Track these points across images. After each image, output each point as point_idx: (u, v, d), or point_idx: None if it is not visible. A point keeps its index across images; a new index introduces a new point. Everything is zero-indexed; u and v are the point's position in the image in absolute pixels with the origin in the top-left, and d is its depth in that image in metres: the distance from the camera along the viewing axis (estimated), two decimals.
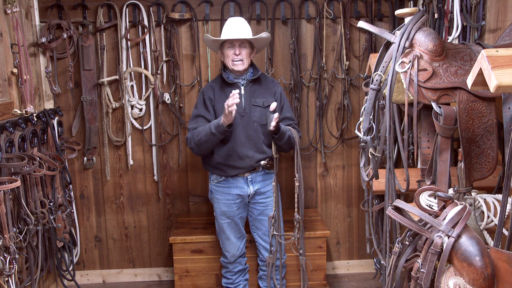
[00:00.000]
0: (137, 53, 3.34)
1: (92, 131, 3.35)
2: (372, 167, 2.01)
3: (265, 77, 2.92)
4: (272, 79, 2.95)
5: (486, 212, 1.74)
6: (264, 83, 2.85)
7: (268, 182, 2.88)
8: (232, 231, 2.92)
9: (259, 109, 2.78)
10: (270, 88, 2.85)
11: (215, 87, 2.82)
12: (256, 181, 2.85)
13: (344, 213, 3.63)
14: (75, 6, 3.22)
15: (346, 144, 3.54)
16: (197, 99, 2.88)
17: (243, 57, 2.74)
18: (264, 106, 2.78)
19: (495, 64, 1.32)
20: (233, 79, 2.79)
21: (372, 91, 1.86)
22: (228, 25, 2.78)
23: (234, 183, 2.83)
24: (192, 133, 2.74)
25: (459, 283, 1.31)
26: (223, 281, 3.07)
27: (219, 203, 2.88)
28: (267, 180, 2.87)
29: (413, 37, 1.77)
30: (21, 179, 2.58)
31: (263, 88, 2.83)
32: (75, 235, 3.40)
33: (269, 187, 2.87)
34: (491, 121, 1.69)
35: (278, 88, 2.90)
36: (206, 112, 2.80)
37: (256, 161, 2.79)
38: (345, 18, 3.32)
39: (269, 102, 2.72)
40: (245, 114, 2.76)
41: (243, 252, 3.01)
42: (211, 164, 2.83)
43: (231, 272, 3.02)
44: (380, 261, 2.71)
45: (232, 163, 2.77)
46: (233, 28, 2.74)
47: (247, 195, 2.86)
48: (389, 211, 1.52)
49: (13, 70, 2.71)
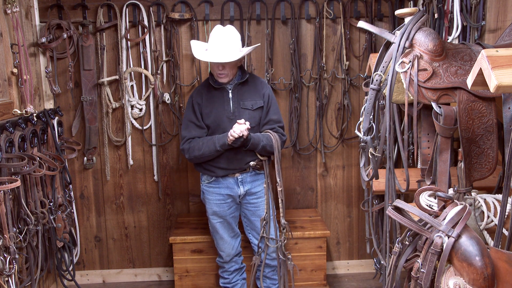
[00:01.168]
0: (137, 53, 3.34)
1: (92, 131, 3.35)
2: (372, 167, 2.01)
3: (254, 78, 2.89)
4: (261, 80, 2.91)
5: (486, 212, 1.74)
6: (252, 85, 2.83)
7: (259, 182, 2.88)
8: (225, 230, 2.92)
9: (248, 112, 2.79)
10: (258, 90, 2.83)
11: (203, 92, 2.84)
12: (246, 181, 2.85)
13: (344, 213, 3.63)
14: (75, 6, 3.22)
15: (346, 144, 3.54)
16: (187, 104, 2.89)
17: (227, 71, 2.73)
18: (253, 109, 2.79)
19: (495, 64, 1.32)
20: (219, 84, 2.79)
21: (372, 91, 1.87)
22: (212, 40, 2.72)
23: (224, 183, 2.83)
24: (190, 146, 2.77)
25: (459, 283, 1.31)
26: (221, 281, 3.07)
27: (210, 203, 2.89)
28: (257, 180, 2.88)
29: (413, 37, 1.77)
30: (21, 179, 2.58)
31: (252, 90, 2.81)
32: (75, 235, 3.40)
33: (260, 187, 2.88)
34: (491, 121, 1.69)
35: (266, 89, 2.85)
36: (195, 119, 2.81)
37: (245, 162, 2.80)
38: (345, 18, 3.32)
39: (258, 105, 2.78)
40: (234, 117, 2.76)
41: (238, 251, 3.02)
42: (201, 165, 2.84)
43: (227, 272, 3.02)
44: (380, 261, 2.71)
45: (222, 165, 2.79)
46: (217, 47, 2.69)
47: (237, 196, 2.86)
48: (389, 211, 1.52)
49: (13, 70, 2.71)
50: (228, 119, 2.76)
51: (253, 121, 2.77)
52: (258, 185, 2.88)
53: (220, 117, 2.78)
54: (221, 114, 2.78)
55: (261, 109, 2.81)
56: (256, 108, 2.78)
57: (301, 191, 3.59)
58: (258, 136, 2.72)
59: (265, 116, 2.82)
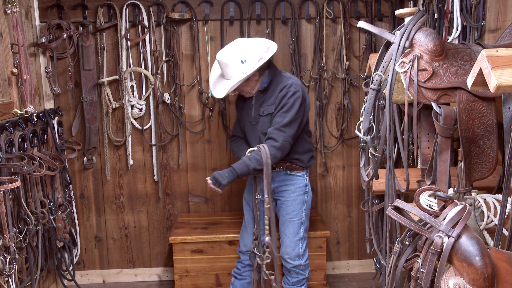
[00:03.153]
0: (137, 53, 3.34)
1: (92, 131, 3.35)
2: (372, 167, 2.01)
3: (278, 82, 2.72)
4: (285, 85, 2.68)
5: (486, 212, 1.74)
6: (271, 92, 2.73)
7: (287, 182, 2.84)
8: (250, 220, 2.92)
9: (261, 118, 2.76)
10: (276, 95, 2.72)
11: (241, 95, 2.90)
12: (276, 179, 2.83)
13: (344, 213, 3.63)
14: (75, 6, 3.22)
15: (346, 144, 3.54)
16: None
17: (247, 91, 2.74)
18: (264, 115, 2.75)
19: (495, 64, 1.32)
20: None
21: (372, 91, 1.87)
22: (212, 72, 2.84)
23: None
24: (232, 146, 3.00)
25: (459, 283, 1.31)
26: (233, 270, 3.06)
27: (246, 189, 3.00)
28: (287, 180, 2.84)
29: (413, 37, 1.77)
30: (21, 179, 2.58)
31: (269, 97, 2.74)
32: (75, 235, 3.40)
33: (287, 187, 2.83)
34: (491, 121, 1.69)
35: (284, 92, 2.67)
36: (237, 119, 3.02)
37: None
38: (345, 18, 3.32)
39: (269, 111, 2.72)
40: (255, 123, 2.78)
41: (242, 250, 3.00)
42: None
43: (241, 263, 3.00)
44: (380, 261, 2.71)
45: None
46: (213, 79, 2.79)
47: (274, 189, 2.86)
48: (389, 211, 1.52)
49: (13, 70, 2.71)
50: (250, 125, 2.81)
51: (266, 127, 2.72)
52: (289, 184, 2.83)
53: (245, 122, 2.86)
54: (246, 119, 2.85)
55: (271, 115, 2.73)
56: (266, 114, 2.73)
57: None
58: (243, 165, 2.59)
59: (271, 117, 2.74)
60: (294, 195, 2.83)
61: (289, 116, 2.63)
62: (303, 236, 2.85)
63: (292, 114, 2.63)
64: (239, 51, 2.61)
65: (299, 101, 2.65)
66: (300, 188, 2.83)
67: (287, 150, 2.67)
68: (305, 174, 2.86)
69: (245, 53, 2.61)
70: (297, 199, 2.82)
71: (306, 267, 2.87)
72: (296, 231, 2.83)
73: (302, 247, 2.85)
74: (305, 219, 2.86)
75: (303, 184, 2.84)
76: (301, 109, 2.69)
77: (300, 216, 2.83)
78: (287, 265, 2.86)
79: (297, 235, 2.82)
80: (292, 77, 2.79)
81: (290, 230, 2.83)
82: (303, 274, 2.85)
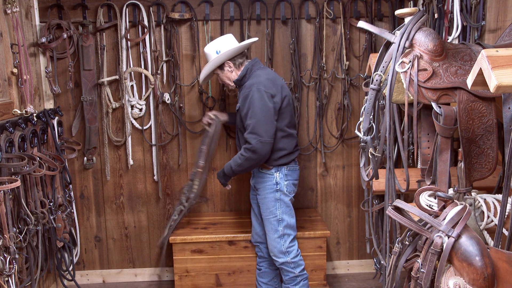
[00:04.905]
0: (137, 53, 3.34)
1: (92, 131, 3.35)
2: (372, 167, 2.01)
3: (248, 80, 2.81)
4: (252, 84, 2.74)
5: (486, 212, 1.74)
6: (244, 88, 2.82)
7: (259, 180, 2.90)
8: (255, 209, 3.06)
9: (237, 113, 2.89)
10: (243, 93, 2.79)
11: None
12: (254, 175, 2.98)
13: (344, 213, 3.63)
14: (75, 6, 3.22)
15: (346, 144, 3.54)
16: None
17: (224, 81, 2.95)
18: (237, 111, 2.89)
19: (495, 64, 1.32)
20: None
21: (372, 91, 1.87)
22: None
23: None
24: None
25: (459, 283, 1.31)
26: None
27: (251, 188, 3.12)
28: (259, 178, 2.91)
29: (413, 37, 1.77)
30: (21, 179, 2.58)
31: (241, 93, 2.82)
32: (75, 235, 3.40)
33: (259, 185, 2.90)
34: (491, 121, 1.69)
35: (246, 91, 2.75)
36: None
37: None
38: (345, 18, 3.32)
39: (238, 107, 2.85)
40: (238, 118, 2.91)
41: (259, 240, 3.09)
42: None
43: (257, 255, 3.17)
44: (380, 261, 2.71)
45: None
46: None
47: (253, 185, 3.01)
48: (389, 211, 1.52)
49: (13, 70, 2.71)
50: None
51: (239, 122, 2.86)
52: (259, 182, 2.90)
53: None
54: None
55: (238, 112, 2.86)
56: (237, 110, 2.87)
57: (301, 191, 3.59)
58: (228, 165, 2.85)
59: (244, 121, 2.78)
60: (265, 193, 2.88)
61: (255, 119, 2.67)
62: (283, 233, 2.87)
63: (258, 117, 2.67)
64: (217, 44, 2.87)
65: (259, 102, 2.67)
66: (270, 185, 2.86)
67: (265, 150, 2.68)
68: (276, 172, 2.85)
69: (221, 45, 2.85)
70: (268, 197, 2.86)
71: (296, 265, 2.89)
72: (274, 229, 2.87)
73: (285, 245, 2.87)
74: (282, 216, 2.87)
75: (272, 182, 2.85)
76: (265, 108, 2.68)
77: (275, 214, 2.86)
78: (275, 262, 2.94)
79: (275, 232, 2.86)
80: (261, 75, 2.78)
81: (268, 228, 2.90)
82: (293, 272, 2.88)
